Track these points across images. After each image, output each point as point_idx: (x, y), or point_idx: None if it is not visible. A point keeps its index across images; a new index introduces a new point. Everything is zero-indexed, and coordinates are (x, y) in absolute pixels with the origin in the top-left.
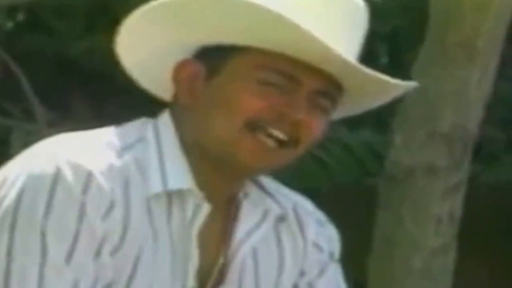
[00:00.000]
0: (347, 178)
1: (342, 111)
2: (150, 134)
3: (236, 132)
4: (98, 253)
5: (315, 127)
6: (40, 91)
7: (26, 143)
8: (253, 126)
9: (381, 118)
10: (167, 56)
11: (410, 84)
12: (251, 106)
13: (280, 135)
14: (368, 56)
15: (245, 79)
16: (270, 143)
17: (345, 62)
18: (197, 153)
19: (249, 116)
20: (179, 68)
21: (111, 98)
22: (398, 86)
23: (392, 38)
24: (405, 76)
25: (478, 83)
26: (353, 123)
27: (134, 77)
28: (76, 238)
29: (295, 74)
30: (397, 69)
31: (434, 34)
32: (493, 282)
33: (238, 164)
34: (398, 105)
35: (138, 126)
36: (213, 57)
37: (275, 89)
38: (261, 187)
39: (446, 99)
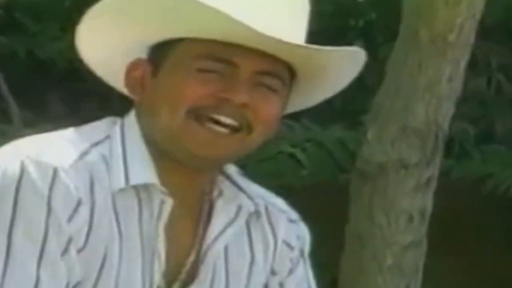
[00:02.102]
0: (321, 175)
1: (306, 98)
2: (116, 132)
3: (180, 123)
4: (65, 251)
5: (264, 108)
6: (15, 91)
7: (1, 144)
8: (195, 114)
9: (354, 115)
10: (124, 55)
11: (357, 50)
12: (191, 94)
13: (227, 120)
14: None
15: (184, 70)
16: (220, 129)
17: (271, 39)
18: (156, 149)
19: (189, 105)
20: (130, 69)
21: (88, 97)
22: (343, 54)
23: (366, 33)
24: (380, 71)
25: (450, 78)
26: (325, 120)
27: (98, 74)
28: (45, 239)
29: (231, 58)
30: (372, 63)
31: (407, 29)
32: (464, 277)
33: (189, 154)
34: (370, 101)
35: (106, 124)
36: (157, 55)
37: (214, 76)
38: (234, 183)
39: (418, 94)
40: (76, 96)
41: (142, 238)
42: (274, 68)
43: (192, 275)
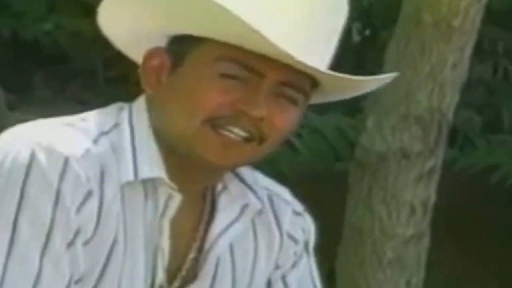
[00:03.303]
0: (317, 163)
1: (320, 98)
2: (124, 120)
3: (195, 129)
4: (71, 244)
5: (280, 121)
6: (1, 73)
7: None
8: (212, 123)
9: (352, 101)
10: (143, 40)
11: (384, 78)
12: (211, 102)
13: (240, 133)
14: (341, 35)
15: (206, 72)
16: (234, 137)
17: (299, 64)
18: (166, 144)
19: (208, 113)
20: (147, 57)
21: (73, 79)
22: (372, 82)
23: (365, 16)
24: (380, 56)
25: (454, 64)
26: (322, 106)
27: (119, 48)
28: (51, 229)
29: (257, 66)
30: (371, 48)
31: (409, 13)
32: (469, 270)
33: (201, 160)
34: None
35: (114, 112)
36: (178, 48)
37: (236, 83)
38: (242, 180)
39: (421, 81)
40: (61, 78)
41: (145, 233)
42: (297, 79)
43: (193, 272)
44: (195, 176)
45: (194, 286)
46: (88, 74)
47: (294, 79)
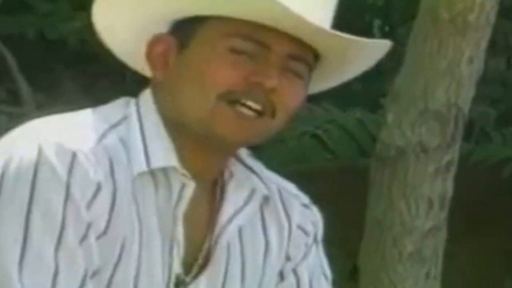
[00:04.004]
0: (344, 158)
1: (326, 80)
2: (133, 113)
3: (211, 106)
4: (84, 238)
5: (290, 94)
6: (28, 73)
7: (13, 126)
8: (227, 99)
9: (374, 98)
10: (143, 30)
11: (385, 43)
12: (224, 77)
13: (254, 105)
14: (360, 31)
15: (215, 49)
16: (248, 112)
17: (315, 29)
18: (177, 129)
19: (222, 89)
20: (152, 44)
21: (101, 78)
22: (373, 45)
23: (384, 13)
24: (399, 51)
25: (470, 59)
26: (345, 103)
27: (111, 50)
28: (63, 225)
29: (264, 39)
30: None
31: (426, 9)
32: (485, 262)
33: (217, 137)
34: (390, 84)
35: (121, 105)
36: (183, 30)
37: (245, 57)
38: (246, 165)
39: (438, 77)
40: (89, 77)
41: (160, 224)
42: (302, 52)
43: (208, 259)
44: (207, 161)
45: (208, 273)
46: (116, 74)
47: (300, 51)
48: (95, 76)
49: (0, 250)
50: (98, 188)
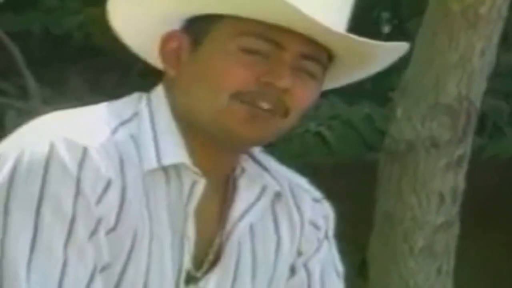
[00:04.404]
0: (348, 153)
1: (339, 78)
2: (144, 109)
3: (223, 106)
4: (94, 233)
5: (302, 94)
6: (34, 68)
7: (21, 122)
8: (240, 99)
9: (382, 91)
10: (157, 27)
11: (401, 45)
12: (236, 77)
13: (266, 106)
14: (370, 25)
15: (228, 48)
16: (261, 112)
17: (327, 30)
18: (189, 126)
19: (235, 89)
20: (165, 40)
21: (107, 73)
22: (388, 48)
23: (394, 6)
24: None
25: (482, 52)
26: (352, 96)
27: (126, 43)
28: (73, 219)
29: (278, 39)
30: (400, 38)
31: (436, 2)
32: (498, 258)
33: (231, 136)
34: (399, 77)
35: (133, 101)
36: (196, 28)
37: (258, 58)
38: (257, 162)
39: (449, 70)
40: (95, 72)
41: (171, 220)
42: (315, 51)
43: (219, 255)
44: (218, 158)
45: (219, 269)
46: (122, 67)
47: (313, 51)
48: (100, 70)
49: (10, 245)
50: (108, 184)
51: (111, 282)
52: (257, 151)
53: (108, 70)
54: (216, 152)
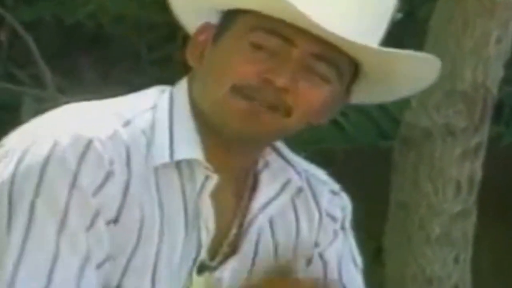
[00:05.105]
0: (362, 141)
1: (374, 94)
2: (165, 102)
3: (224, 95)
4: (91, 225)
5: (307, 95)
6: (48, 57)
7: (38, 110)
8: (239, 92)
9: None
10: (197, 19)
11: (426, 57)
12: (238, 70)
13: (266, 103)
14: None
15: (239, 42)
16: (259, 108)
17: (329, 33)
18: (202, 121)
19: (234, 81)
20: (197, 32)
21: (119, 62)
22: (411, 58)
23: None
24: (420, 32)
25: (498, 39)
26: None
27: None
28: (66, 210)
29: (288, 35)
30: (412, 25)
31: None
32: None
33: (227, 127)
34: None
35: (155, 94)
36: (222, 22)
37: (265, 55)
38: (281, 155)
39: (465, 57)
40: (106, 61)
41: (186, 213)
42: (331, 54)
43: (234, 248)
44: (229, 155)
45: (235, 260)
46: (132, 57)
47: (326, 51)
48: (113, 59)
49: (6, 235)
50: (109, 176)
51: (117, 272)
52: (282, 145)
53: (120, 59)
54: (225, 149)
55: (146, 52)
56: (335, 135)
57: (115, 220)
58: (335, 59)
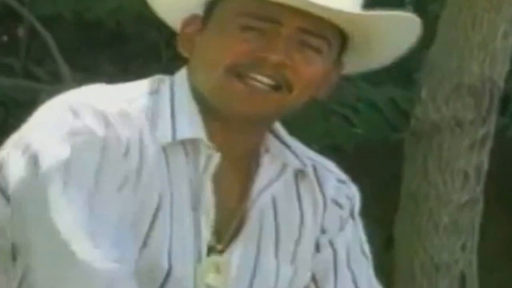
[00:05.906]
0: (373, 135)
1: (362, 61)
2: (166, 87)
3: (219, 79)
4: (121, 187)
5: (305, 68)
6: (66, 53)
7: None
8: (235, 72)
9: (406, 73)
10: (181, 13)
11: (405, 16)
12: (229, 52)
13: (264, 79)
14: (393, 7)
15: (227, 27)
16: (260, 86)
17: (314, 4)
18: (204, 105)
19: (227, 62)
20: (184, 25)
21: (137, 57)
22: (394, 19)
23: None
24: (431, 27)
25: (505, 34)
26: (376, 78)
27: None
28: (99, 172)
29: (275, 15)
30: (423, 19)
31: None
32: None
33: (228, 109)
34: (423, 58)
35: (155, 80)
36: (207, 11)
37: (255, 34)
38: (281, 141)
39: (473, 51)
40: (125, 57)
41: (191, 193)
42: (318, 27)
43: (241, 227)
44: (231, 136)
45: (240, 240)
46: (151, 54)
47: (314, 25)
48: (131, 57)
49: (46, 200)
50: (128, 149)
51: (137, 243)
52: (283, 132)
53: (139, 56)
54: (230, 131)
55: (164, 50)
56: (346, 129)
57: (134, 191)
58: (323, 31)
